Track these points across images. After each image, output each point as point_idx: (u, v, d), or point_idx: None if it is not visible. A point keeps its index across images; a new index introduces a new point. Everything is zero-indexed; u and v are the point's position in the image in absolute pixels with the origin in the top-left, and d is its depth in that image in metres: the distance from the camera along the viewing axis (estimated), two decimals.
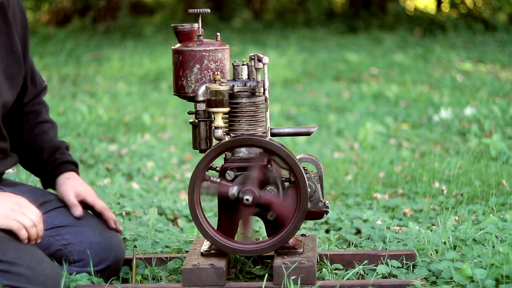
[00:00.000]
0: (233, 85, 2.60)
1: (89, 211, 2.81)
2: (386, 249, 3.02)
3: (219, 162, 2.67)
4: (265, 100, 2.62)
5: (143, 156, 5.13)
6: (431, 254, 2.89)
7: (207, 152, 2.58)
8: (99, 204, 2.79)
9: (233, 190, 2.57)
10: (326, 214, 2.72)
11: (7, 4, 2.65)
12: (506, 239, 3.04)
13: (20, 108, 2.80)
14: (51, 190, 2.86)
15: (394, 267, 2.77)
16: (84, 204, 2.78)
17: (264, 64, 2.56)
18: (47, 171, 2.80)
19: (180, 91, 2.65)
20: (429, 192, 4.00)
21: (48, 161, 2.79)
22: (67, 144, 2.86)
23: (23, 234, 2.47)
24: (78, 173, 2.84)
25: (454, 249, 2.97)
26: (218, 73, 2.60)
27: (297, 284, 2.52)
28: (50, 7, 14.78)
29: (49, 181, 2.82)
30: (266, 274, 2.63)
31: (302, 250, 2.65)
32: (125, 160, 5.01)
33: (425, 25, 13.10)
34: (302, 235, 2.84)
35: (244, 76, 2.65)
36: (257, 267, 2.82)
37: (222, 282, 2.54)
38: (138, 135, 5.77)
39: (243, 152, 2.63)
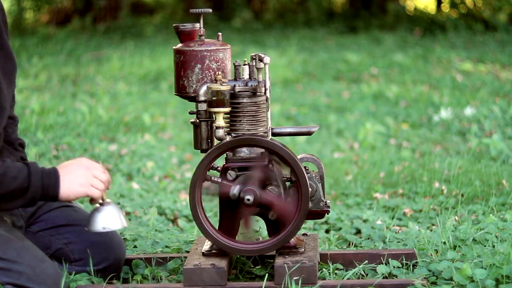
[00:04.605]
0: (234, 85, 2.61)
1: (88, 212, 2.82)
2: (386, 249, 3.03)
3: (220, 162, 2.67)
4: (266, 100, 2.62)
5: (143, 156, 5.13)
6: (431, 254, 2.90)
7: (208, 152, 2.58)
8: None
9: (235, 190, 2.57)
10: (327, 214, 2.72)
11: None
12: (506, 239, 3.04)
13: None
14: None
15: (394, 267, 2.77)
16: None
17: (265, 64, 2.56)
18: None
19: (181, 91, 2.66)
20: (429, 192, 4.00)
21: None
22: (21, 142, 2.85)
23: (98, 197, 2.53)
24: None
25: (454, 249, 2.98)
26: (220, 73, 2.60)
27: (298, 284, 2.52)
28: (50, 7, 14.79)
29: None
30: (267, 274, 2.63)
31: (303, 249, 2.65)
32: (125, 160, 5.01)
33: (425, 25, 13.10)
34: (304, 234, 2.84)
35: (246, 76, 2.65)
36: (257, 267, 2.82)
37: (224, 282, 2.55)
38: (138, 135, 5.77)
39: (244, 152, 2.63)
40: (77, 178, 2.48)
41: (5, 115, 2.55)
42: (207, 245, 2.69)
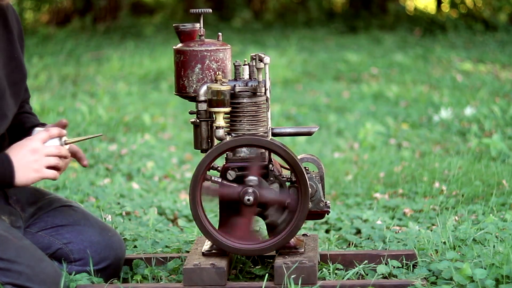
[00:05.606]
0: (235, 85, 2.61)
1: (89, 212, 2.82)
2: (386, 249, 3.03)
3: (220, 162, 2.67)
4: (266, 100, 2.62)
5: (143, 156, 5.13)
6: (431, 254, 2.90)
7: (208, 152, 2.58)
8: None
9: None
10: (328, 214, 2.72)
11: (7, 11, 2.64)
12: (506, 239, 3.04)
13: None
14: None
15: (394, 267, 2.77)
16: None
17: (265, 64, 2.56)
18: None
19: (181, 91, 2.66)
20: (429, 192, 4.00)
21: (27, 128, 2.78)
22: None
23: (55, 177, 2.52)
24: None
25: (454, 249, 2.98)
26: (220, 73, 2.60)
27: (298, 284, 2.52)
28: (50, 7, 14.79)
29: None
30: (267, 274, 2.63)
31: (303, 250, 2.65)
32: (125, 160, 5.01)
33: (425, 25, 13.11)
34: (304, 235, 2.84)
35: (246, 76, 2.65)
36: (257, 267, 2.82)
37: (223, 282, 2.55)
38: (138, 135, 5.77)
39: (244, 152, 2.63)
40: (31, 164, 2.48)
41: (6, 123, 2.56)
42: (207, 245, 2.69)
